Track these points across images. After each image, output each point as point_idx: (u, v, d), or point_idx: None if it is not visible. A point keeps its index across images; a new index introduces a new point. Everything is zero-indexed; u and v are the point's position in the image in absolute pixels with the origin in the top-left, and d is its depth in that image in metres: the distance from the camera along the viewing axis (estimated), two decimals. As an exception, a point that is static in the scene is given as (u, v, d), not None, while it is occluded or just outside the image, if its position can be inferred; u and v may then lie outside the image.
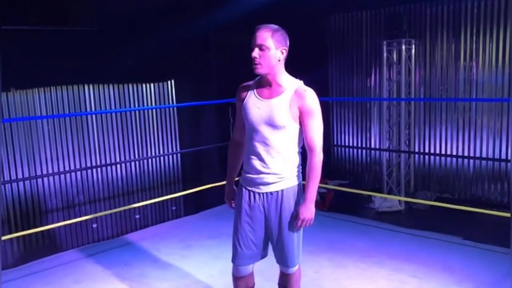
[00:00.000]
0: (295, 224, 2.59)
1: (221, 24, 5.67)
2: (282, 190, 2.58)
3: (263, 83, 2.57)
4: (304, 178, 2.65)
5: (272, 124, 2.49)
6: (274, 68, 2.48)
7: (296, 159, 2.62)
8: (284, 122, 2.48)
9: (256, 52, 2.43)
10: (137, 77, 5.63)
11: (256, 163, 2.57)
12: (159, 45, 5.32)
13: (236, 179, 2.83)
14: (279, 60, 2.48)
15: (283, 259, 2.71)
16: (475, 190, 5.91)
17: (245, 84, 2.68)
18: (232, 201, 2.82)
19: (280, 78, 2.53)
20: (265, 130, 2.50)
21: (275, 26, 2.49)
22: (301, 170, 2.68)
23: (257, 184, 2.60)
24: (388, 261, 4.25)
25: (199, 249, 4.71)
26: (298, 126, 2.54)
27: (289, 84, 2.53)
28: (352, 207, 5.92)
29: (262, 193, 2.60)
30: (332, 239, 4.82)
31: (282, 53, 2.49)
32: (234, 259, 2.75)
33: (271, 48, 2.43)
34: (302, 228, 2.68)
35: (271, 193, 2.59)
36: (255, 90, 2.59)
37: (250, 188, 2.63)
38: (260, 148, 2.53)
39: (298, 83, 2.55)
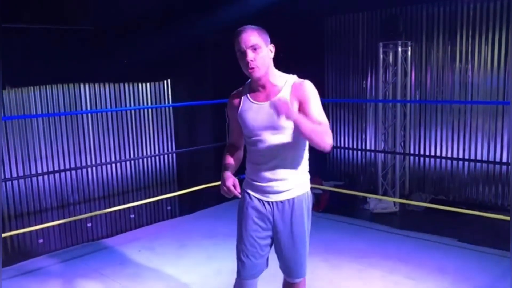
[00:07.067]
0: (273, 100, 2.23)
1: (218, 25, 5.67)
2: (293, 199, 2.43)
3: (256, 86, 2.40)
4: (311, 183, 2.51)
5: (276, 128, 2.33)
6: (269, 67, 2.35)
7: (305, 162, 2.48)
8: (289, 122, 2.27)
9: (251, 55, 2.26)
10: (133, 77, 5.62)
11: (263, 171, 2.41)
12: (156, 44, 5.31)
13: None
14: (270, 58, 2.35)
15: (291, 270, 2.56)
16: (469, 192, 5.94)
17: (235, 92, 2.51)
18: (234, 185, 2.35)
19: (273, 78, 2.38)
20: (269, 136, 2.34)
21: (255, 26, 2.33)
22: (309, 177, 2.53)
23: (266, 192, 2.43)
24: (383, 262, 4.26)
25: (194, 249, 4.71)
26: None
27: (283, 81, 2.38)
28: (347, 209, 5.92)
29: (272, 202, 2.44)
30: (327, 240, 4.82)
31: (271, 50, 2.36)
32: (241, 273, 2.53)
33: (263, 47, 2.29)
34: (309, 236, 2.54)
35: (281, 201, 2.42)
36: (248, 95, 2.42)
37: (258, 196, 2.47)
38: (266, 155, 2.37)
39: (293, 78, 2.41)
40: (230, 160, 2.55)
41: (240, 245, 2.53)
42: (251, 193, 2.50)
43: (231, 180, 2.38)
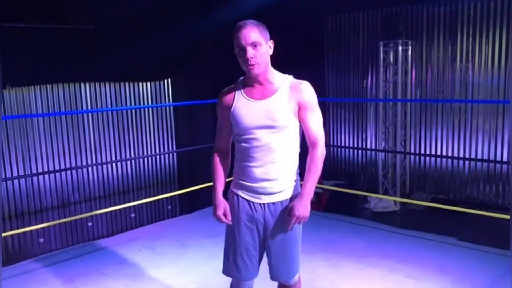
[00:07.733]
0: (287, 220, 2.35)
1: (218, 24, 5.67)
2: (286, 201, 2.39)
3: (252, 83, 2.36)
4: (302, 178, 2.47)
5: (272, 126, 2.29)
6: (268, 64, 2.32)
7: (296, 162, 2.43)
8: (286, 121, 2.29)
9: (251, 52, 2.22)
10: (133, 76, 5.61)
11: (255, 170, 2.34)
12: (156, 43, 5.31)
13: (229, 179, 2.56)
14: (269, 55, 2.31)
15: (283, 272, 2.51)
16: (470, 191, 5.93)
17: (226, 89, 2.46)
18: (225, 214, 2.46)
19: (270, 75, 2.34)
20: (264, 134, 2.30)
21: (255, 21, 2.29)
22: (299, 178, 2.49)
23: (257, 193, 2.38)
24: (383, 261, 4.26)
25: (195, 248, 4.71)
26: (298, 123, 2.36)
27: (280, 80, 2.35)
28: (348, 208, 5.93)
29: (263, 204, 2.39)
30: (327, 239, 4.82)
31: (270, 47, 2.31)
32: (236, 274, 2.51)
33: (263, 44, 2.25)
34: (301, 234, 2.52)
35: (273, 203, 2.38)
36: (242, 91, 2.37)
37: (248, 198, 2.42)
38: (259, 153, 2.32)
39: (289, 78, 2.38)
40: (220, 177, 2.54)
41: (234, 249, 2.49)
42: (241, 194, 2.45)
43: (221, 209, 2.46)
